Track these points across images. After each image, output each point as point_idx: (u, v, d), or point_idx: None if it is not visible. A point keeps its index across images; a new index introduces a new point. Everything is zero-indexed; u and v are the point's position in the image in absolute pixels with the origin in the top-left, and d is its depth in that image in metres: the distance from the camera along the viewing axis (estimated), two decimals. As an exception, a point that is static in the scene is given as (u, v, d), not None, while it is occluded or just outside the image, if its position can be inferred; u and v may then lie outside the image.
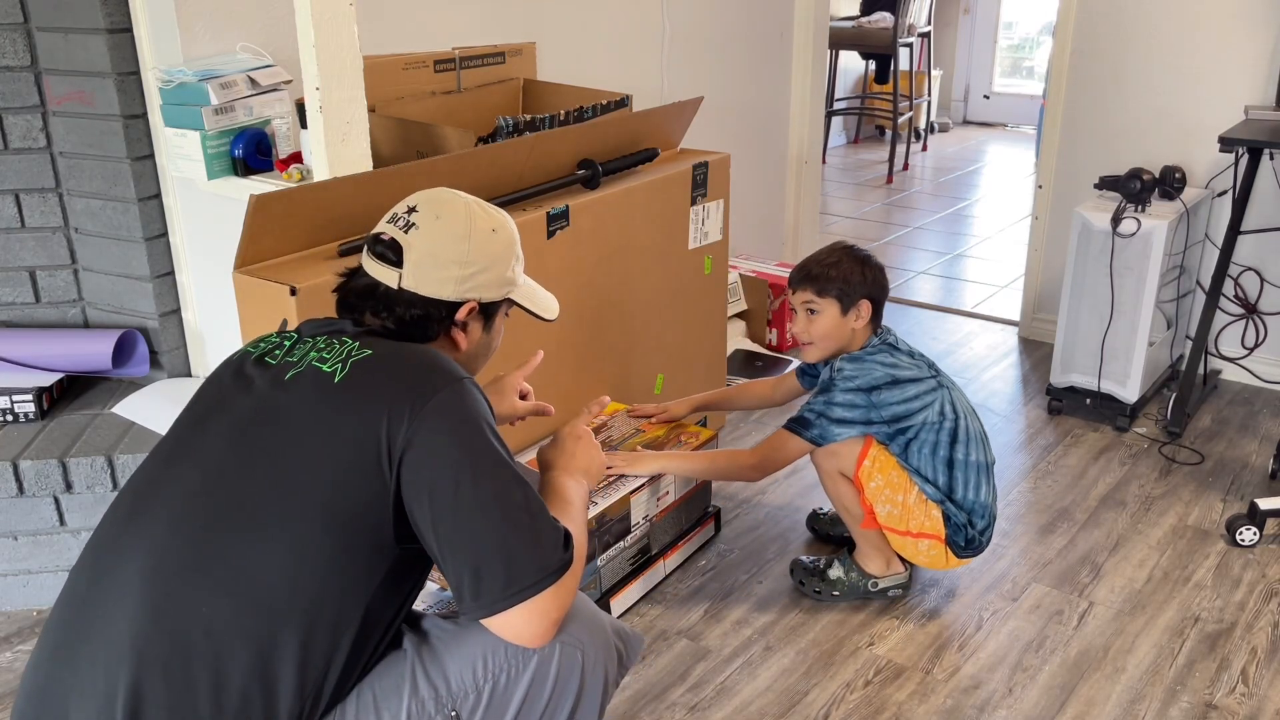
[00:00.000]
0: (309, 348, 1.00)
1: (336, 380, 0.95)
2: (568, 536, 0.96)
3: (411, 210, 1.07)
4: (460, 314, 1.07)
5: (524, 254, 1.17)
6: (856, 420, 1.56)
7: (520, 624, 0.93)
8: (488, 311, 1.10)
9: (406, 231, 1.05)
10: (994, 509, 1.65)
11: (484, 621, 0.93)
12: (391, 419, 0.92)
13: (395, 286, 1.04)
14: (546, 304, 1.19)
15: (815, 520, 1.90)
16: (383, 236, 1.06)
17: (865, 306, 1.59)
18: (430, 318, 1.05)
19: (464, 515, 0.91)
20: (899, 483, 1.59)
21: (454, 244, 1.05)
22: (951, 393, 1.62)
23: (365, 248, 1.07)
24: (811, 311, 1.60)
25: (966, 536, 1.62)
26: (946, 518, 1.61)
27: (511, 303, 1.14)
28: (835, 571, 1.70)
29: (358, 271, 1.08)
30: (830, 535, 1.87)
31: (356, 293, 1.06)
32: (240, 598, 0.88)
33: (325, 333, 1.02)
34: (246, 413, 0.96)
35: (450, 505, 0.91)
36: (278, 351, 1.01)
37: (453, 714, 0.96)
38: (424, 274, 1.04)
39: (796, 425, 1.59)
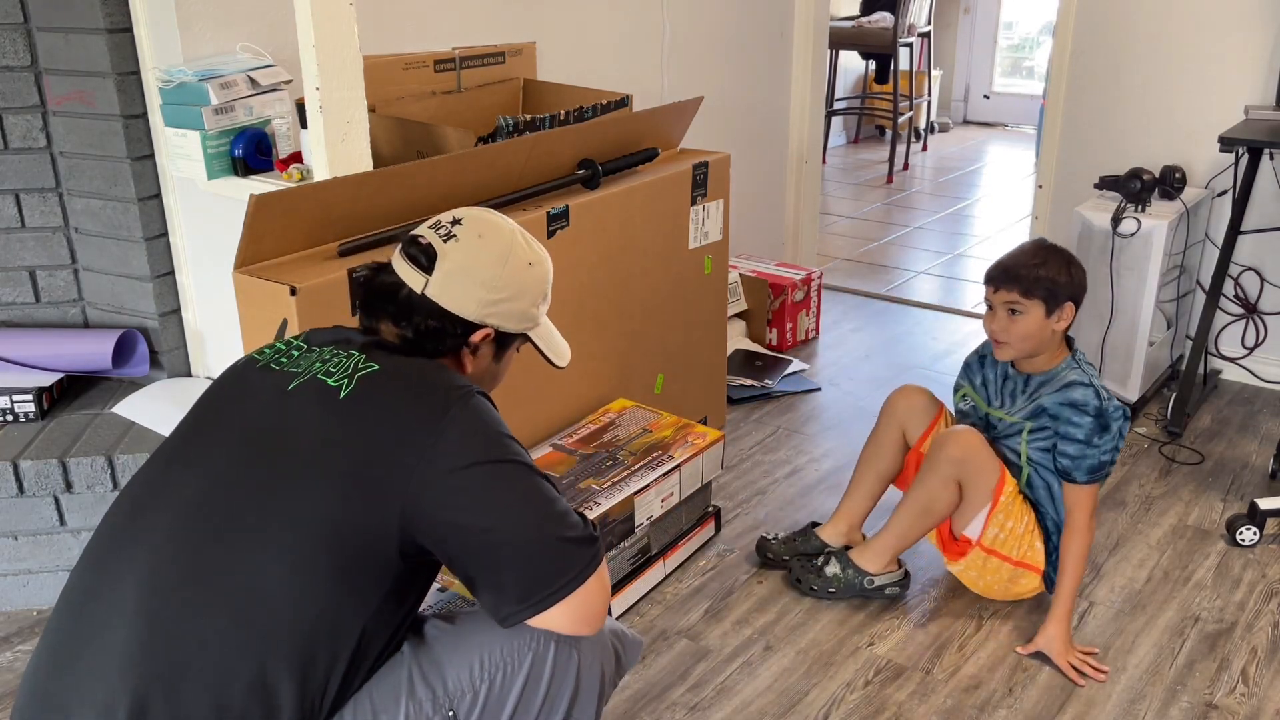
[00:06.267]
0: (314, 358, 0.98)
1: (342, 396, 0.93)
2: (594, 525, 0.98)
3: (456, 222, 1.05)
4: (475, 336, 1.05)
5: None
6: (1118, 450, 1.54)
7: (570, 616, 0.95)
8: (502, 341, 1.08)
9: (446, 241, 1.03)
10: None
11: (532, 621, 0.95)
12: (403, 438, 0.91)
13: (419, 291, 1.02)
14: (560, 349, 1.17)
15: (765, 546, 1.78)
16: (420, 240, 1.03)
17: (1069, 309, 1.54)
18: (445, 332, 1.03)
19: (495, 524, 0.91)
20: (1016, 509, 1.59)
21: (489, 265, 1.03)
22: None
23: (400, 246, 1.05)
24: (1013, 312, 1.54)
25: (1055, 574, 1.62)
26: (1049, 551, 1.61)
27: (527, 339, 1.11)
28: (832, 568, 1.69)
29: (385, 268, 1.05)
30: (782, 562, 1.76)
31: (377, 291, 1.04)
32: (238, 614, 0.87)
33: (332, 343, 1.01)
34: (248, 423, 0.95)
35: (479, 517, 0.91)
36: (283, 359, 1.00)
37: (450, 714, 0.95)
38: (451, 286, 1.02)
39: (1100, 475, 1.54)
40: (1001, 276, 1.56)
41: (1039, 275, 1.52)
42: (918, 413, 1.72)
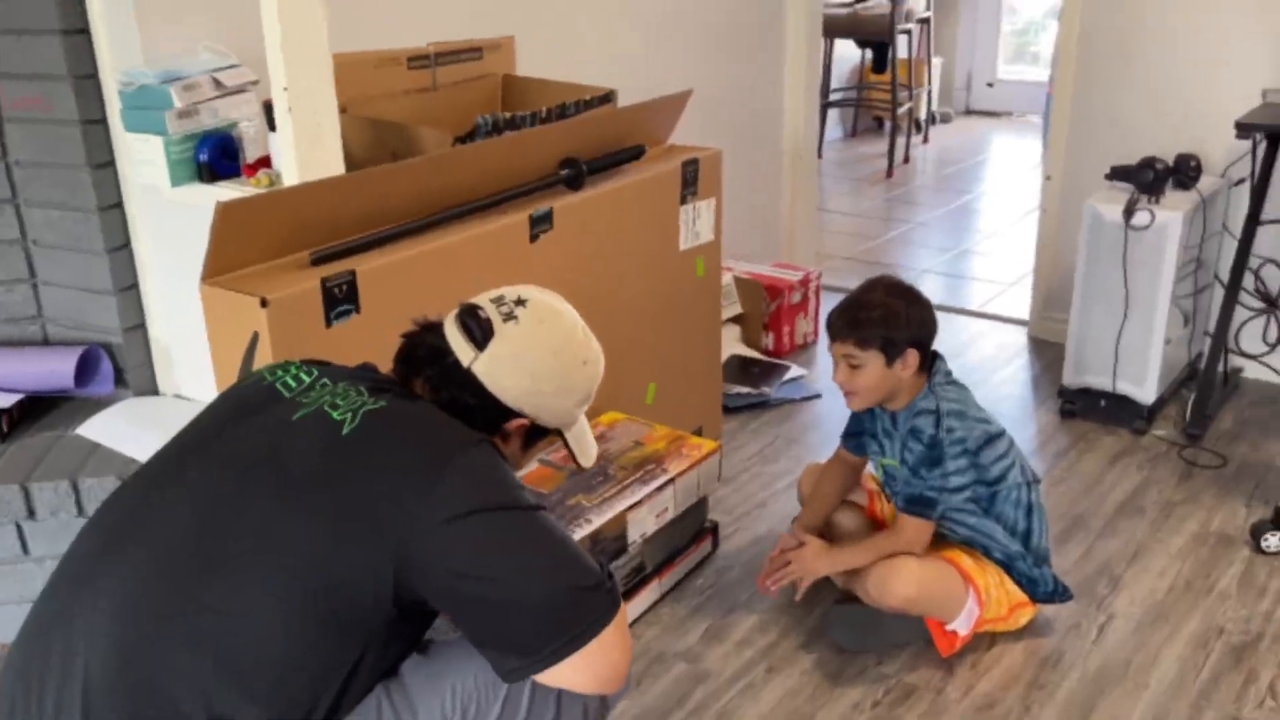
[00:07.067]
0: (325, 391, 0.98)
1: (344, 432, 0.92)
2: (610, 574, 0.96)
3: (520, 302, 1.05)
4: (511, 425, 1.04)
5: (506, 260, 1.17)
6: (966, 485, 1.49)
7: (585, 672, 0.92)
8: (534, 434, 1.08)
9: (505, 320, 1.03)
10: None
11: (541, 677, 0.92)
12: (402, 482, 0.90)
13: (465, 365, 1.01)
14: (589, 450, 1.16)
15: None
16: (479, 312, 1.03)
17: (911, 355, 1.47)
18: (482, 412, 1.01)
19: (497, 574, 0.90)
20: (985, 576, 1.54)
21: (542, 356, 1.03)
22: (1007, 433, 1.56)
23: (456, 312, 1.05)
24: (853, 365, 1.49)
25: (1044, 591, 1.58)
26: (1019, 580, 1.56)
27: (559, 435, 1.10)
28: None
29: (434, 327, 1.05)
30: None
31: (423, 351, 1.03)
32: (218, 651, 0.86)
33: (348, 379, 1.01)
34: (247, 451, 0.94)
35: (481, 566, 0.89)
36: (292, 384, 1.00)
37: None
38: (498, 368, 1.01)
39: (922, 508, 1.49)
40: (837, 326, 1.51)
41: (874, 319, 1.46)
42: (838, 494, 1.69)
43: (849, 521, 1.71)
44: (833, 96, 5.00)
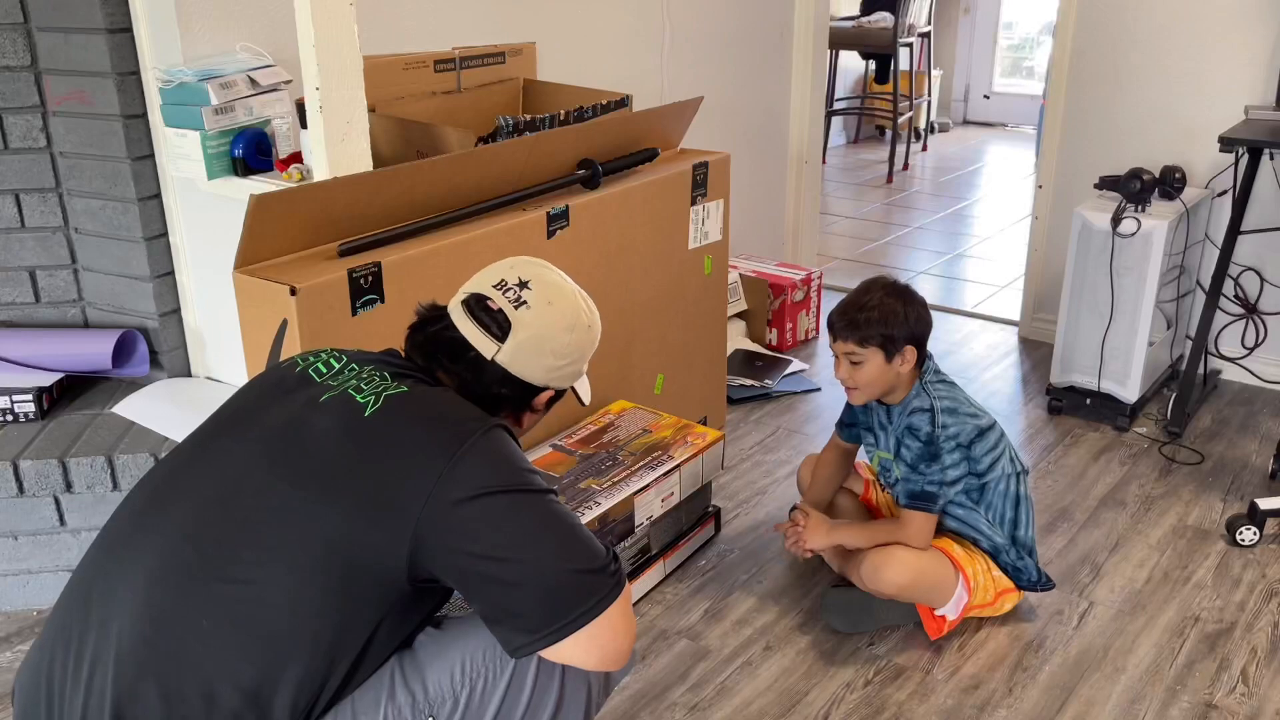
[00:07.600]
0: (352, 375, 1.00)
1: (366, 414, 0.94)
2: (615, 557, 0.97)
3: (523, 285, 1.05)
4: (539, 400, 1.07)
5: (525, 254, 1.17)
6: (960, 477, 1.54)
7: (588, 649, 0.93)
8: (554, 398, 1.11)
9: (517, 308, 1.04)
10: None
11: (547, 653, 0.93)
12: (418, 464, 0.91)
13: (489, 358, 1.03)
14: (588, 389, 1.19)
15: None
16: (490, 304, 1.04)
17: (910, 352, 1.51)
18: (514, 397, 1.05)
19: (507, 554, 0.91)
20: (974, 564, 1.58)
21: (559, 335, 1.05)
22: (998, 425, 1.59)
23: (463, 305, 1.05)
24: (854, 362, 1.53)
25: (1028, 579, 1.61)
26: (1004, 568, 1.59)
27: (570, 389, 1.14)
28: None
29: (439, 318, 1.05)
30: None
31: (443, 346, 1.04)
32: (240, 619, 0.88)
33: (373, 363, 1.02)
34: (275, 432, 0.96)
35: (491, 546, 0.90)
36: (324, 369, 1.01)
37: (430, 719, 0.96)
38: (523, 356, 1.03)
39: (924, 503, 1.52)
40: (838, 325, 1.54)
41: (873, 319, 1.50)
42: (835, 479, 1.74)
43: (844, 508, 1.75)
44: (837, 105, 5.03)
